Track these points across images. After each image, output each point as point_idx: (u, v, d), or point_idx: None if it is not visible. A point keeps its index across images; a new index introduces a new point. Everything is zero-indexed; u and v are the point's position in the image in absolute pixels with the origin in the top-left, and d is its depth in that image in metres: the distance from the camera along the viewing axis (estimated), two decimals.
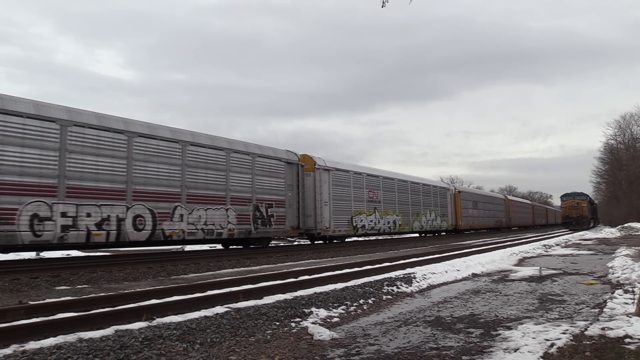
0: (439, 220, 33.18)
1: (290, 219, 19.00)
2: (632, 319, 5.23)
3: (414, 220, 29.48)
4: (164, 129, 14.71)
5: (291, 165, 19.46)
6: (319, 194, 20.93)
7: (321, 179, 21.05)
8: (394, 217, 27.13)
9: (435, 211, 32.73)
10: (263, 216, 17.64)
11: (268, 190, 18.02)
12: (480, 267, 11.42)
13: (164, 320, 5.11)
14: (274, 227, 18.09)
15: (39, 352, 3.92)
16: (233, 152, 16.66)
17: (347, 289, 7.54)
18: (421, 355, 4.29)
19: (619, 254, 14.23)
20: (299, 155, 20.35)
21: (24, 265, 12.02)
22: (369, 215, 24.63)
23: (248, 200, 17.05)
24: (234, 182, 16.50)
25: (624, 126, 57.14)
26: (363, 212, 24.08)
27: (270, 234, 18.09)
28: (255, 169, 17.52)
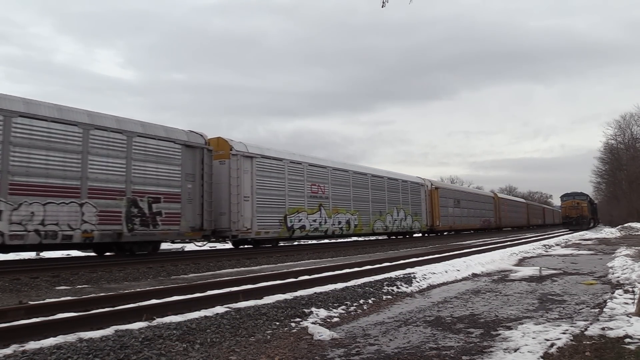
0: (409, 220, 28.96)
1: (188, 218, 14.83)
2: (632, 319, 5.23)
3: (376, 220, 25.30)
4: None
5: (192, 150, 15.20)
6: (237, 186, 16.53)
7: (240, 167, 16.77)
8: (348, 216, 22.83)
9: (405, 210, 28.56)
10: (144, 213, 13.52)
11: (154, 180, 13.85)
12: (480, 267, 11.42)
13: (164, 320, 5.11)
14: (161, 227, 13.95)
15: (39, 352, 3.92)
16: (95, 129, 12.53)
17: (347, 289, 7.54)
18: (421, 355, 4.28)
19: (619, 254, 14.23)
20: (208, 137, 16.14)
21: (24, 265, 12.02)
22: (312, 214, 20.23)
23: (119, 192, 12.96)
24: (95, 169, 12.45)
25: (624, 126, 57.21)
26: (302, 210, 19.65)
27: (155, 236, 14.02)
28: (132, 152, 13.34)
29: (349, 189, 23.48)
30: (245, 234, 16.89)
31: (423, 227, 31.03)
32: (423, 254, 14.94)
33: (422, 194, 31.36)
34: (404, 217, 28.34)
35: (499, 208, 48.26)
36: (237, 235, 16.65)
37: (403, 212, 28.38)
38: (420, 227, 30.66)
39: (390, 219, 26.80)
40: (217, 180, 16.26)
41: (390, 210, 26.97)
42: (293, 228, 19.04)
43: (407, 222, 28.80)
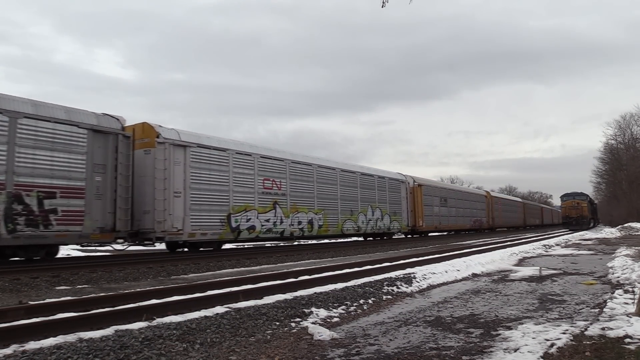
0: (387, 219, 25.96)
1: (96, 216, 12.38)
2: (632, 319, 5.23)
3: (346, 220, 22.45)
4: None
5: (104, 136, 12.69)
6: (163, 179, 13.90)
7: (169, 158, 14.14)
8: (311, 215, 19.96)
9: (381, 208, 25.65)
10: (32, 211, 11.16)
11: (47, 172, 11.45)
12: (480, 267, 11.43)
13: (164, 320, 5.11)
14: (56, 228, 11.52)
15: (39, 352, 3.92)
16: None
17: (347, 289, 7.54)
18: (421, 355, 4.29)
19: (619, 254, 14.23)
20: (126, 123, 13.56)
21: (24, 265, 12.00)
22: (264, 213, 17.35)
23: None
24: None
25: (624, 126, 57.27)
26: (252, 208, 16.75)
27: (47, 238, 11.55)
28: (17, 137, 10.99)
29: (312, 184, 20.43)
30: (174, 236, 14.26)
31: (403, 228, 28.07)
32: (423, 254, 14.94)
33: (402, 192, 28.28)
34: (380, 217, 25.34)
35: (491, 207, 45.68)
36: (163, 237, 13.97)
37: (379, 211, 25.41)
38: (400, 228, 27.65)
39: (364, 218, 23.90)
40: (141, 173, 14.01)
41: (364, 209, 24.06)
42: (239, 229, 16.15)
43: (384, 222, 25.78)
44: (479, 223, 41.63)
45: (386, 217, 26.14)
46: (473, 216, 40.36)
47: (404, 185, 28.81)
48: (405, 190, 28.76)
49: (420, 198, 30.40)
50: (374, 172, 26.32)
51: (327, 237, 25.33)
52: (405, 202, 28.57)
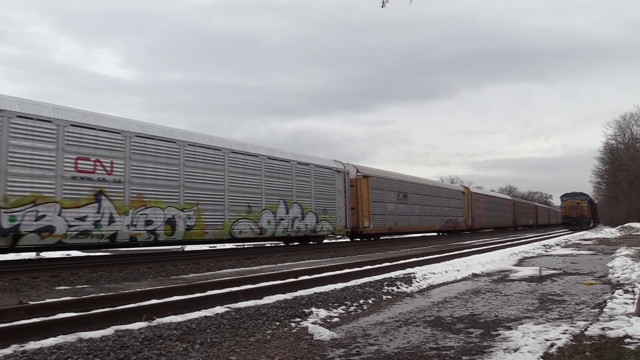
0: (311, 219, 19.93)
1: None
2: (632, 319, 5.23)
3: (238, 220, 16.29)
4: None
5: None
6: None
7: None
8: (172, 211, 14.23)
9: (302, 204, 19.53)
10: None
11: None
12: (480, 267, 11.43)
13: (164, 320, 5.11)
14: None
15: (39, 352, 3.92)
16: None
17: (347, 289, 7.54)
18: (421, 355, 4.29)
19: (619, 254, 14.23)
20: None
21: (24, 265, 12.02)
22: (77, 207, 11.91)
23: None
24: None
25: (624, 126, 57.33)
26: (50, 200, 11.41)
27: None
28: None
29: (176, 169, 14.53)
30: None
31: (339, 230, 22.07)
32: (423, 254, 14.95)
33: (337, 184, 22.11)
34: (299, 215, 19.29)
35: (471, 205, 39.72)
36: None
37: (298, 207, 19.24)
38: (335, 229, 21.68)
39: (271, 217, 17.71)
40: None
41: (271, 204, 17.82)
42: (19, 231, 10.73)
43: (307, 223, 19.63)
44: (453, 224, 35.77)
45: (310, 216, 19.92)
46: (445, 215, 34.36)
47: (341, 176, 22.45)
48: (342, 182, 22.48)
49: (367, 192, 24.14)
50: (292, 156, 19.71)
51: (205, 243, 18.89)
52: (342, 197, 22.37)
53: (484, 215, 43.44)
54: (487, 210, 44.51)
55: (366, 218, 24.11)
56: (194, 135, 15.61)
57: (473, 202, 40.58)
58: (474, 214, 40.51)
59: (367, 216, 24.17)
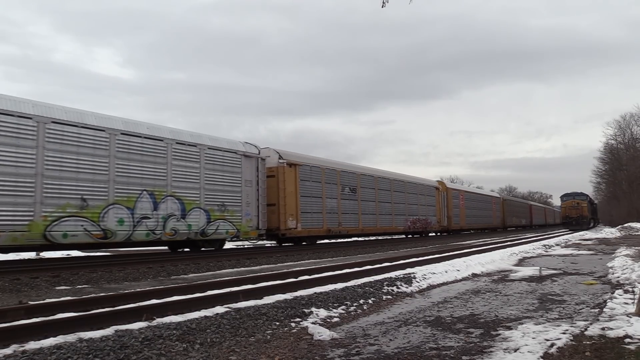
0: (199, 217, 15.01)
1: None
2: (632, 319, 5.23)
3: (64, 218, 11.67)
4: None
5: None
6: None
7: None
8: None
9: (186, 198, 14.65)
10: None
11: None
12: (480, 267, 11.43)
13: (164, 320, 5.11)
14: None
15: (39, 352, 3.92)
16: None
17: (347, 289, 7.54)
18: (421, 355, 4.29)
19: (619, 254, 14.24)
20: None
21: (24, 265, 12.02)
22: None
23: None
24: None
25: (624, 126, 57.38)
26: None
27: None
28: None
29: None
30: None
31: (247, 232, 16.80)
32: (423, 254, 14.95)
33: (245, 172, 16.83)
34: (178, 213, 14.32)
35: (447, 203, 34.71)
36: None
37: (176, 202, 14.34)
38: (239, 231, 16.49)
39: (125, 214, 12.91)
40: None
41: (127, 197, 13.02)
42: None
43: (193, 222, 14.77)
44: (423, 224, 30.48)
45: (196, 214, 14.95)
46: (412, 214, 29.10)
47: (251, 162, 17.12)
48: (254, 170, 17.23)
49: (294, 185, 19.22)
50: (168, 133, 14.59)
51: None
52: (253, 190, 17.13)
53: (464, 214, 38.30)
54: (468, 208, 39.32)
55: (292, 217, 18.99)
56: None
57: (450, 200, 35.24)
58: (451, 213, 35.23)
59: (294, 215, 19.07)
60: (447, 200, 34.95)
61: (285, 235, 19.08)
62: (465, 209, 38.76)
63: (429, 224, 31.56)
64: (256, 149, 17.80)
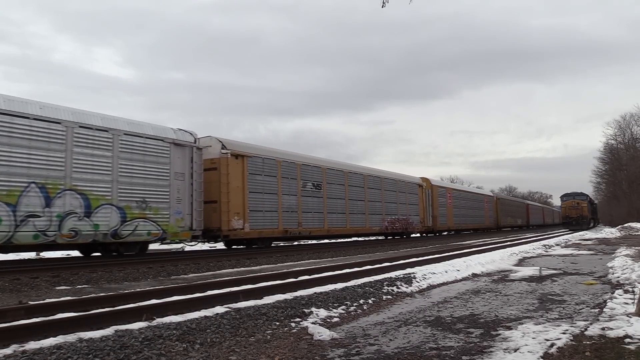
0: (110, 217, 12.80)
1: None
2: (632, 319, 5.23)
3: None
4: None
5: None
6: None
7: None
8: None
9: (91, 194, 12.43)
10: None
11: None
12: (480, 267, 11.43)
13: (164, 320, 5.11)
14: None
15: (39, 352, 3.92)
16: None
17: (347, 289, 7.54)
18: (421, 355, 4.29)
19: (619, 254, 14.24)
20: None
21: (24, 265, 12.02)
22: None
23: None
24: None
25: (624, 126, 57.39)
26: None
27: None
28: None
29: None
30: None
31: (176, 233, 14.59)
32: (423, 254, 14.95)
33: (176, 163, 14.64)
34: (80, 210, 12.07)
35: (432, 202, 32.00)
36: None
37: (79, 197, 12.09)
38: (165, 232, 14.25)
39: (3, 211, 10.58)
40: None
41: (7, 191, 10.75)
42: None
43: (101, 222, 12.50)
44: (403, 224, 27.85)
45: (107, 212, 12.74)
46: (390, 213, 26.70)
47: (183, 152, 14.89)
48: (188, 162, 14.99)
49: (242, 179, 17.02)
50: (70, 115, 12.29)
51: None
52: (185, 184, 14.88)
53: (452, 214, 35.36)
54: (457, 207, 36.48)
55: (238, 216, 16.68)
56: None
57: (435, 198, 32.41)
58: (437, 213, 32.50)
59: (240, 213, 16.80)
60: (432, 199, 32.17)
61: (228, 236, 16.70)
62: (453, 208, 36.02)
63: (410, 224, 28.71)
64: (191, 136, 15.25)
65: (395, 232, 27.73)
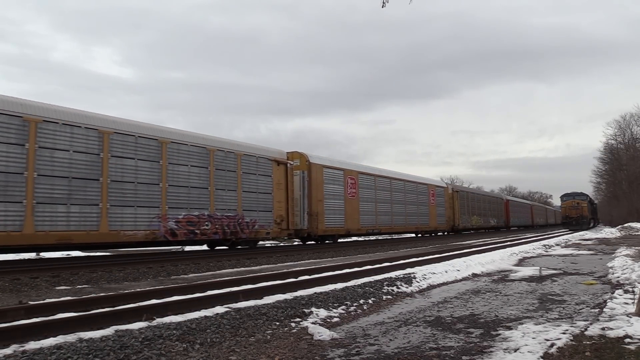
0: None
1: None
2: (632, 319, 5.23)
3: None
4: None
5: None
6: None
7: None
8: None
9: None
10: None
11: None
12: (480, 267, 11.43)
13: (164, 320, 5.11)
14: None
15: (39, 352, 3.92)
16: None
17: (347, 289, 7.54)
18: (421, 355, 4.29)
19: (619, 254, 14.24)
20: None
21: (24, 265, 12.02)
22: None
23: None
24: None
25: (624, 126, 57.39)
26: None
27: None
28: None
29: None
30: None
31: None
32: (423, 254, 14.95)
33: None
34: None
35: (311, 192, 20.24)
36: None
37: None
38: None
39: None
40: None
41: None
42: None
43: None
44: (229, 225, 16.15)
45: None
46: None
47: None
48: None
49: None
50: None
51: None
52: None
53: (357, 209, 23.39)
54: (366, 202, 24.15)
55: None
56: None
57: (318, 185, 20.68)
58: (319, 208, 20.55)
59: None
60: (308, 187, 20.12)
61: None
62: (360, 202, 23.61)
63: (248, 224, 17.06)
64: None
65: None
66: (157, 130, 14.69)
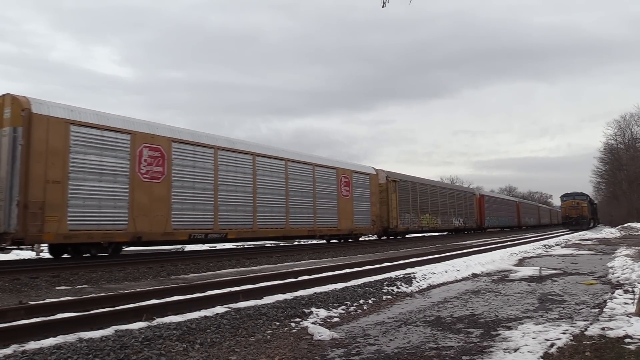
0: None
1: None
2: (632, 319, 5.23)
3: None
4: None
5: None
6: None
7: None
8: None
9: None
10: None
11: None
12: (480, 267, 11.43)
13: (164, 320, 5.11)
14: None
15: (39, 352, 3.92)
16: None
17: (347, 289, 7.54)
18: (421, 355, 4.29)
19: (619, 254, 14.23)
20: None
21: (24, 265, 12.03)
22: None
23: None
24: None
25: (624, 126, 57.43)
26: None
27: None
28: None
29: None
30: None
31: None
32: (423, 254, 14.94)
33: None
34: None
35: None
36: None
37: None
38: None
39: None
40: None
41: None
42: None
43: None
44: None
45: None
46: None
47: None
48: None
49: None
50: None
51: None
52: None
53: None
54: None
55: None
56: None
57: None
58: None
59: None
60: None
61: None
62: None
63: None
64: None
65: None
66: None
